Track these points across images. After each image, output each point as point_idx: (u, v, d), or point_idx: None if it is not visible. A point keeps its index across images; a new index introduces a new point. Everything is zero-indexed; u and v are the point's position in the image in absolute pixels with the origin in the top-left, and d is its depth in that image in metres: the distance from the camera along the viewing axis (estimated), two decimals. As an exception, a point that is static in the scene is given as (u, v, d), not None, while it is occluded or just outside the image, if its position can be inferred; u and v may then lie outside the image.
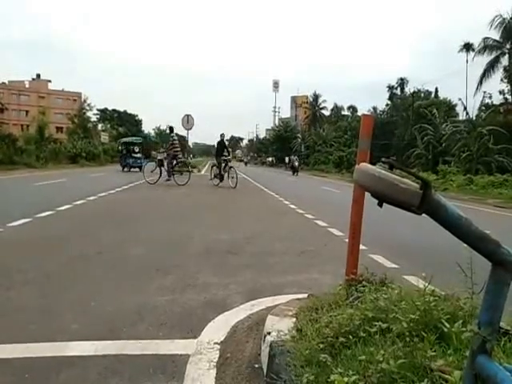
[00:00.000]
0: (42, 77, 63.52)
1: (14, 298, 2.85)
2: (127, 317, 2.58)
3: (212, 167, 14.49)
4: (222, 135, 14.72)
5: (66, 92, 63.12)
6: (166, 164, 13.33)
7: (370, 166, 0.87)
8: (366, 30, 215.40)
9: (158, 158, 13.96)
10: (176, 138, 13.88)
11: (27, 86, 62.59)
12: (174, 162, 13.42)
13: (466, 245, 0.87)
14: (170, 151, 13.42)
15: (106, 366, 1.97)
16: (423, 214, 0.84)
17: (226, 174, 13.85)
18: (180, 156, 13.73)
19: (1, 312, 2.60)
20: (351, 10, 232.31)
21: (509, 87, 26.95)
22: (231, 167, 13.78)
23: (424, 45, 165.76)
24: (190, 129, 24.78)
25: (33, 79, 63.24)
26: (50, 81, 63.38)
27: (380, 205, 0.87)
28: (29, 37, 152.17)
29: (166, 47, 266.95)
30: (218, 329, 2.43)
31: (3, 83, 53.88)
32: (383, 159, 0.92)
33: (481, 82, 25.87)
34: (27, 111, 54.86)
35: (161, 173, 13.31)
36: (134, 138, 28.98)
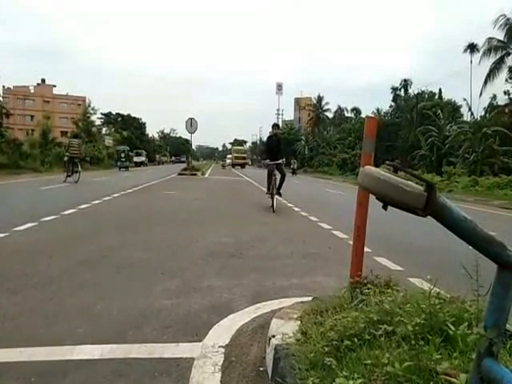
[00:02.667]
0: (46, 82, 64.07)
1: (20, 302, 2.86)
2: (133, 320, 2.59)
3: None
4: (276, 127, 9.87)
5: (70, 96, 63.60)
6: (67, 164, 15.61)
7: (374, 168, 0.87)
8: (369, 32, 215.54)
9: (65, 159, 16.08)
10: (75, 142, 16.04)
11: (32, 91, 63.12)
12: (72, 162, 15.26)
13: (471, 247, 0.86)
14: (67, 153, 15.61)
15: (111, 370, 1.98)
16: (427, 216, 0.84)
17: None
18: (77, 157, 15.60)
19: (7, 316, 2.61)
20: (354, 12, 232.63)
21: (514, 88, 26.78)
22: (283, 176, 9.01)
23: (428, 46, 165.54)
24: (194, 132, 24.93)
25: (38, 84, 63.76)
26: (54, 85, 63.97)
27: (385, 207, 0.87)
28: (33, 42, 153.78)
29: (169, 51, 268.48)
30: (222, 332, 2.43)
31: (8, 88, 54.32)
32: (387, 162, 0.92)
33: (485, 83, 25.75)
34: (32, 116, 55.33)
35: (67, 172, 15.28)
36: (122, 147, 38.13)
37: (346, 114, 58.09)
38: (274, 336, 2.00)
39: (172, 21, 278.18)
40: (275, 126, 10.01)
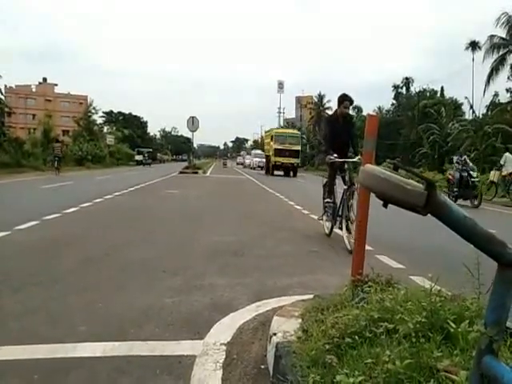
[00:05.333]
0: (48, 80, 64.14)
1: (23, 300, 2.87)
2: (135, 318, 2.60)
3: (324, 187, 6.04)
4: (347, 101, 5.56)
5: (72, 95, 63.68)
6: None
7: (374, 167, 0.87)
8: (370, 29, 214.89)
9: (50, 158, 21.66)
10: (58, 145, 21.12)
11: (34, 90, 63.21)
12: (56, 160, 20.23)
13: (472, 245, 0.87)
14: (53, 152, 20.73)
15: (114, 367, 1.99)
16: (428, 215, 0.84)
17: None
18: (59, 157, 20.60)
19: (10, 314, 2.63)
20: (355, 11, 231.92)
21: (516, 85, 26.72)
22: (352, 186, 5.10)
23: (429, 44, 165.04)
24: (195, 130, 25.00)
25: (39, 83, 63.83)
26: (56, 84, 64.03)
27: (385, 206, 0.87)
28: (34, 42, 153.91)
29: (170, 50, 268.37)
30: (224, 330, 2.43)
31: (10, 87, 54.37)
32: (388, 160, 0.93)
33: (488, 81, 25.67)
34: (34, 115, 55.42)
35: (55, 168, 20.20)
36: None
37: (348, 112, 57.77)
38: (275, 334, 2.01)
39: (173, 20, 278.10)
40: (344, 98, 5.55)
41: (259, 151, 40.16)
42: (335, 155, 5.33)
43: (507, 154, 13.93)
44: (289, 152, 25.77)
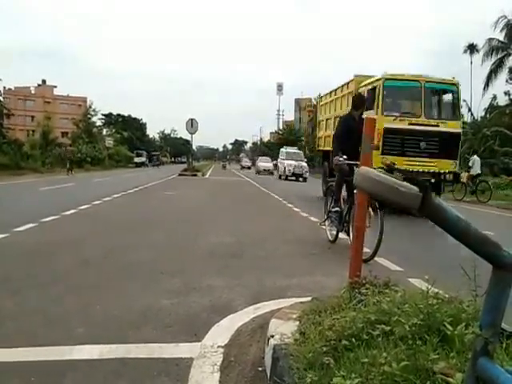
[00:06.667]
0: (47, 82, 64.14)
1: (21, 302, 2.87)
2: (132, 320, 2.59)
3: (327, 190, 6.14)
4: (361, 100, 5.45)
5: (71, 97, 63.64)
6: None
7: (370, 169, 0.88)
8: (370, 29, 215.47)
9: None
10: (70, 149, 26.71)
11: (33, 91, 63.16)
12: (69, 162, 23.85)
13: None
14: (66, 156, 25.10)
15: (111, 370, 1.99)
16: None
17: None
18: (71, 159, 24.27)
19: (7, 316, 2.62)
20: (355, 12, 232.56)
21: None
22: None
23: (428, 46, 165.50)
24: (194, 133, 24.99)
25: (38, 85, 63.80)
26: (55, 86, 63.99)
27: (381, 207, 0.88)
28: (33, 43, 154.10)
29: (170, 51, 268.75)
30: (222, 332, 2.43)
31: (9, 89, 54.32)
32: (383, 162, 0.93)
33: (487, 84, 25.76)
34: (33, 116, 55.35)
35: (68, 169, 23.27)
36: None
37: (347, 115, 57.72)
38: (272, 336, 2.01)
39: (172, 20, 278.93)
40: (360, 100, 5.37)
41: (292, 149, 28.21)
42: (344, 157, 4.87)
43: (475, 156, 15.34)
44: (432, 141, 8.58)
